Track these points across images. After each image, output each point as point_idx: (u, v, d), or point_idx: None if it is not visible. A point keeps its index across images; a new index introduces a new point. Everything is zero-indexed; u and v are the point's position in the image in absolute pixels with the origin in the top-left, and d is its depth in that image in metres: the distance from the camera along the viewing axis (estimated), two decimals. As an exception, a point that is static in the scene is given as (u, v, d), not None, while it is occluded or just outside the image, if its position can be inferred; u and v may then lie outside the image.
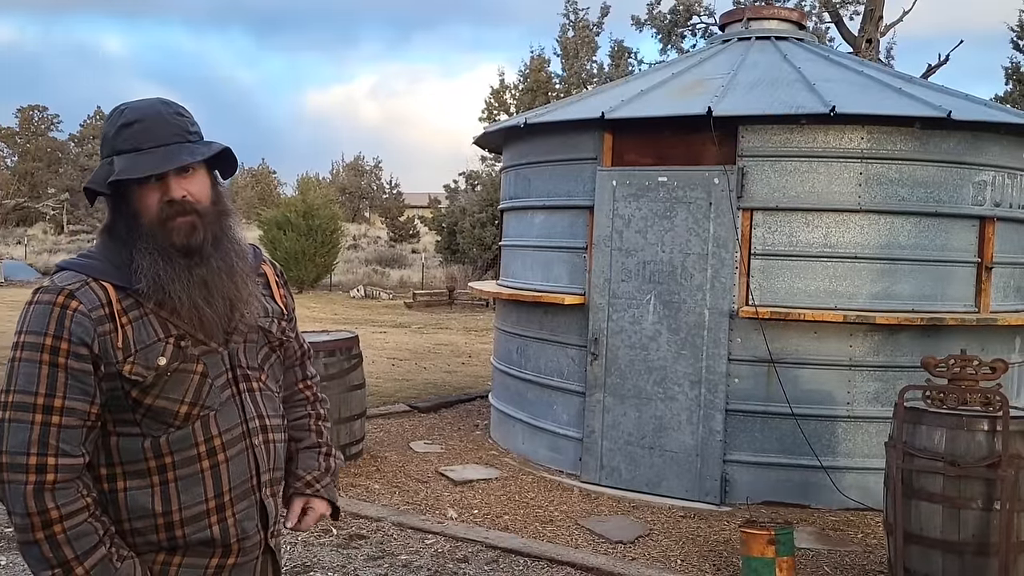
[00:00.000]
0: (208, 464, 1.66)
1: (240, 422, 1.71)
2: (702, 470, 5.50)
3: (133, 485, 1.63)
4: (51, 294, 1.59)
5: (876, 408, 5.39)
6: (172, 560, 1.66)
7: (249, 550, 1.73)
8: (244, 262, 1.73)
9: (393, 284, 27.62)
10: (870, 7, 18.05)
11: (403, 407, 8.17)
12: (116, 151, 1.63)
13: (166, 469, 1.63)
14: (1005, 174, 5.65)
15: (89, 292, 1.59)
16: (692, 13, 21.30)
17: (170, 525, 1.64)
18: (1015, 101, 21.12)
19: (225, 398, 1.70)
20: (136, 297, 1.62)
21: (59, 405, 1.55)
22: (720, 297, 5.45)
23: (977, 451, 3.78)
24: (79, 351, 1.56)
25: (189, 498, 1.64)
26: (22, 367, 1.57)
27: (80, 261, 1.67)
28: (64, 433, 1.55)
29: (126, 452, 1.63)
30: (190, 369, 1.65)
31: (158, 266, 1.60)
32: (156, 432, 1.63)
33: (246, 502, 1.71)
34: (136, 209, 1.63)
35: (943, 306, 5.50)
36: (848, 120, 5.30)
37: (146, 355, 1.60)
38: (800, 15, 7.48)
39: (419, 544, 4.67)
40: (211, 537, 1.67)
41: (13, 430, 1.54)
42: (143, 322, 1.62)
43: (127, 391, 1.60)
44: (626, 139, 5.86)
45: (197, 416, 1.65)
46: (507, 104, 27.58)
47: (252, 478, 1.72)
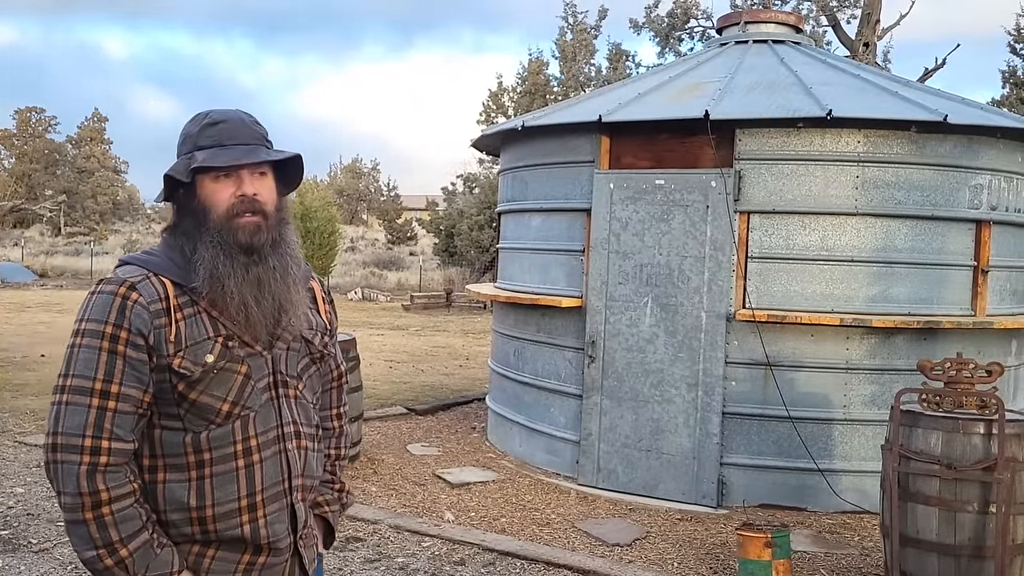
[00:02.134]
0: (243, 463, 1.71)
1: (276, 426, 1.76)
2: (699, 473, 5.51)
3: (172, 478, 1.68)
4: (114, 285, 1.66)
5: (872, 411, 5.40)
6: (206, 552, 1.71)
7: (279, 552, 1.78)
8: (298, 269, 1.79)
9: (391, 286, 27.62)
10: (867, 11, 18.09)
11: (400, 409, 8.17)
12: (198, 146, 1.72)
13: (204, 465, 1.68)
14: (1001, 178, 5.66)
15: (149, 286, 1.66)
16: (690, 16, 21.35)
17: (203, 520, 1.68)
18: (1012, 105, 21.17)
19: (264, 401, 1.75)
20: (191, 295, 1.69)
21: (115, 391, 1.61)
22: (717, 300, 5.46)
23: (973, 454, 3.79)
24: (137, 341, 1.63)
25: (223, 495, 1.69)
26: (82, 352, 1.63)
27: (142, 257, 1.74)
28: (119, 418, 1.61)
29: (168, 445, 1.68)
30: (235, 369, 1.70)
31: (218, 259, 1.67)
32: (198, 428, 1.68)
33: (277, 504, 1.75)
34: (207, 202, 1.70)
35: (939, 309, 5.51)
36: (845, 123, 5.31)
37: (195, 351, 1.66)
38: (797, 18, 7.50)
39: (416, 547, 4.67)
40: (241, 536, 1.71)
41: (70, 412, 1.60)
42: (196, 320, 1.69)
43: (174, 384, 1.65)
44: (623, 142, 5.87)
45: (237, 416, 1.70)
46: (505, 107, 27.61)
47: (284, 481, 1.77)
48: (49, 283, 26.66)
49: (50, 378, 9.54)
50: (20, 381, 9.32)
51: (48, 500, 5.25)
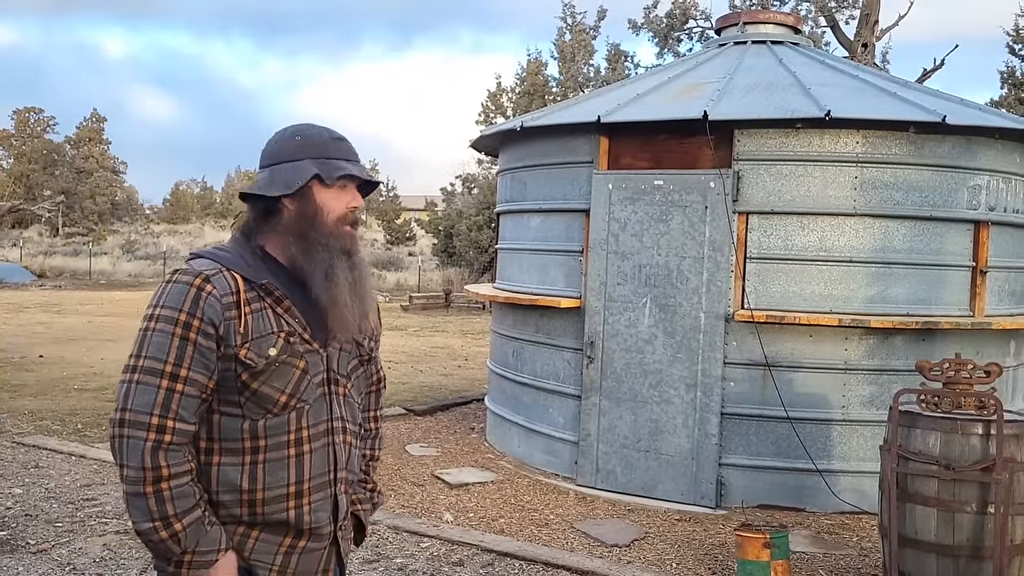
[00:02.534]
0: (294, 452, 1.81)
1: (326, 420, 1.87)
2: (697, 473, 5.51)
3: (227, 461, 1.78)
4: (189, 276, 1.75)
5: (871, 411, 5.40)
6: (251, 534, 1.81)
7: (319, 538, 1.87)
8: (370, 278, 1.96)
9: (390, 287, 27.61)
10: (866, 11, 18.10)
11: (399, 410, 8.16)
12: (329, 156, 1.86)
13: (258, 451, 1.78)
14: (1000, 178, 5.67)
15: (222, 279, 1.76)
16: (688, 17, 21.35)
17: (252, 502, 1.78)
18: (1010, 106, 21.19)
19: (318, 395, 1.85)
20: (259, 291, 1.80)
21: (184, 375, 1.71)
22: (716, 301, 5.46)
23: (971, 455, 3.79)
24: (208, 330, 1.72)
25: (273, 480, 1.79)
26: (155, 336, 1.72)
27: (215, 252, 1.84)
28: (184, 400, 1.71)
29: (226, 430, 1.78)
30: (294, 364, 1.80)
31: (334, 260, 1.82)
32: (255, 416, 1.78)
33: (322, 493, 1.85)
34: (323, 207, 1.84)
35: (938, 310, 5.51)
36: (843, 124, 5.32)
37: (259, 344, 1.76)
38: (796, 19, 7.50)
39: (414, 547, 4.66)
40: (286, 519, 1.81)
41: (140, 391, 1.70)
42: (262, 315, 1.79)
43: (238, 373, 1.75)
44: (622, 143, 5.87)
45: (293, 407, 1.81)
46: (504, 107, 27.61)
47: (329, 472, 1.87)
48: (48, 283, 26.63)
49: (48, 379, 9.54)
50: (18, 382, 9.31)
51: (46, 501, 5.25)
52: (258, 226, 1.86)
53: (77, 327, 14.92)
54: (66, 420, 7.57)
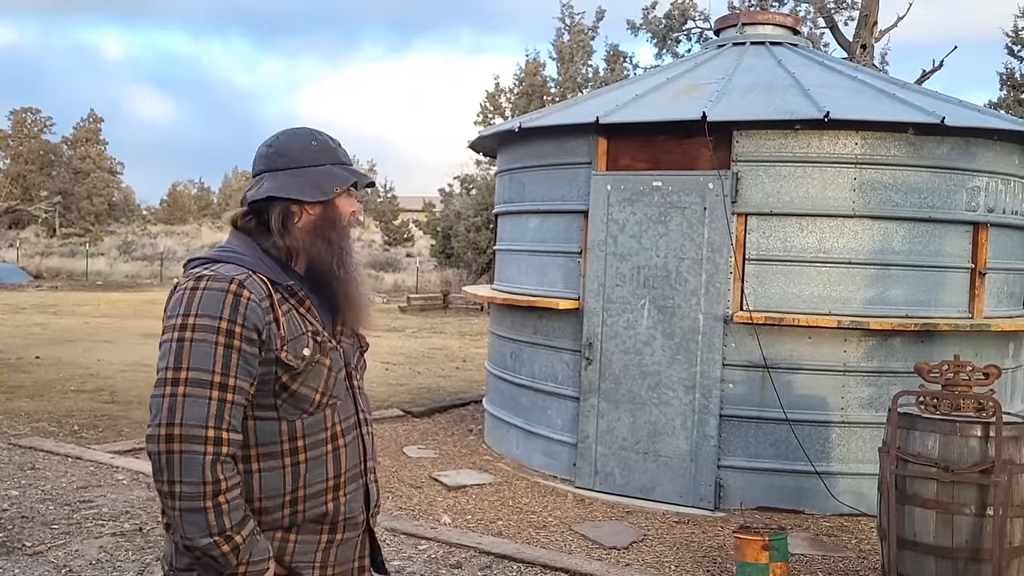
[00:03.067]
0: (331, 448, 1.85)
1: (354, 412, 1.93)
2: (696, 475, 5.49)
3: (266, 466, 1.79)
4: (223, 282, 1.73)
5: (870, 413, 5.39)
6: (288, 538, 1.82)
7: (353, 527, 1.91)
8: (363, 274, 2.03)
9: (387, 288, 27.59)
10: (865, 12, 18.11)
11: (397, 412, 8.15)
12: (342, 162, 1.92)
13: (298, 452, 1.80)
14: (999, 180, 5.66)
15: (256, 284, 1.77)
16: (687, 18, 21.35)
17: (295, 501, 1.81)
18: (1009, 107, 21.21)
19: (344, 389, 1.91)
20: (283, 292, 1.82)
21: (232, 384, 1.70)
22: (714, 302, 5.45)
23: (970, 457, 3.78)
24: (251, 336, 1.72)
25: (312, 477, 1.82)
26: (196, 347, 1.69)
27: (231, 255, 1.83)
28: (234, 410, 1.71)
29: (263, 434, 1.78)
30: (323, 362, 1.84)
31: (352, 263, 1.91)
32: (292, 416, 1.79)
33: (355, 484, 1.91)
34: (340, 213, 1.91)
35: (937, 312, 5.51)
36: (842, 125, 5.31)
37: (295, 345, 1.79)
38: (795, 20, 7.50)
39: (412, 550, 4.65)
40: (325, 512, 1.84)
41: (189, 404, 1.67)
42: (291, 316, 1.81)
43: (278, 376, 1.76)
44: (621, 144, 5.86)
45: (327, 404, 1.84)
46: (502, 108, 27.60)
47: (361, 463, 1.93)
48: (44, 284, 26.58)
49: (44, 380, 9.51)
50: (14, 383, 9.29)
51: (42, 503, 5.23)
52: (278, 228, 1.86)
53: (74, 328, 14.89)
54: (62, 421, 7.54)
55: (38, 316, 16.82)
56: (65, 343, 12.71)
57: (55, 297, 21.99)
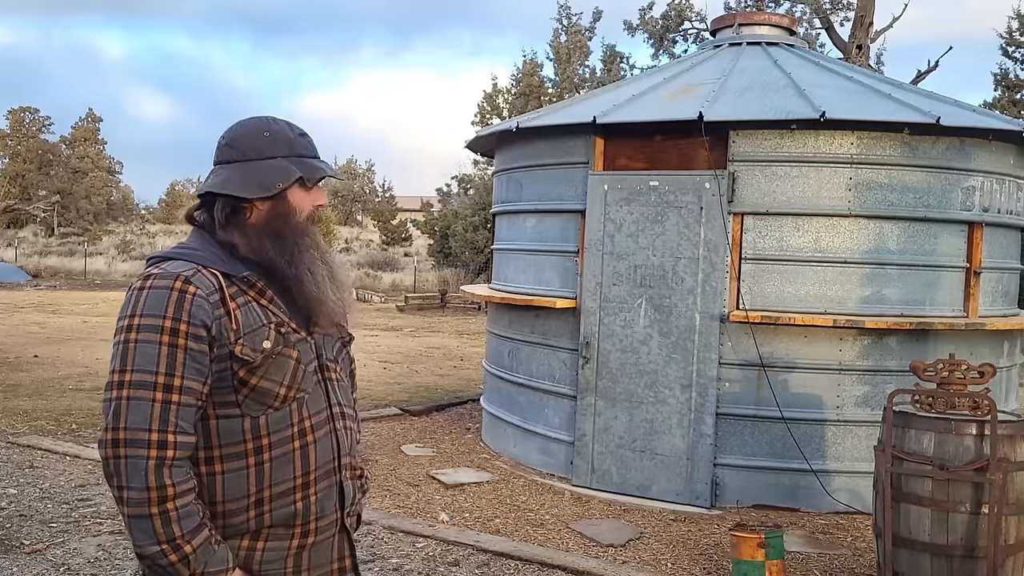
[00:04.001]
0: (299, 444, 1.77)
1: (326, 407, 1.84)
2: (692, 473, 5.52)
3: (230, 467, 1.72)
4: (167, 280, 1.68)
5: (865, 412, 5.42)
6: (256, 545, 1.75)
7: (325, 528, 1.83)
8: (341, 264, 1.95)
9: (385, 287, 27.60)
10: (860, 13, 18.15)
11: (394, 410, 8.16)
12: (298, 154, 1.83)
13: (263, 450, 1.73)
14: (993, 179, 5.69)
15: (203, 278, 1.71)
16: (684, 18, 21.38)
17: (260, 502, 1.73)
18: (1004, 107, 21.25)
19: (314, 383, 1.82)
20: (239, 285, 1.75)
21: (178, 384, 1.64)
22: (711, 301, 5.47)
23: (965, 455, 3.80)
24: (198, 332, 1.66)
25: (280, 476, 1.75)
26: (140, 347, 1.64)
27: (184, 252, 1.78)
28: (182, 411, 1.64)
29: (225, 434, 1.71)
30: (289, 354, 1.77)
31: (312, 258, 1.81)
32: (256, 412, 1.73)
33: (327, 481, 1.82)
34: (296, 207, 1.82)
35: (932, 311, 5.53)
36: (838, 125, 5.33)
37: (252, 338, 1.72)
38: (791, 21, 7.52)
39: (410, 547, 4.67)
40: (293, 512, 1.76)
41: (133, 407, 1.62)
42: (249, 308, 1.75)
43: (235, 371, 1.70)
44: (618, 143, 5.88)
45: (293, 398, 1.77)
46: (500, 108, 27.63)
47: (334, 460, 1.84)
48: (43, 284, 26.57)
49: (43, 379, 9.52)
50: (13, 382, 9.29)
51: (41, 501, 5.24)
52: (221, 223, 1.79)
53: (72, 327, 14.89)
54: (61, 420, 7.55)
55: (36, 315, 16.82)
56: (63, 342, 12.71)
57: (53, 296, 21.99)
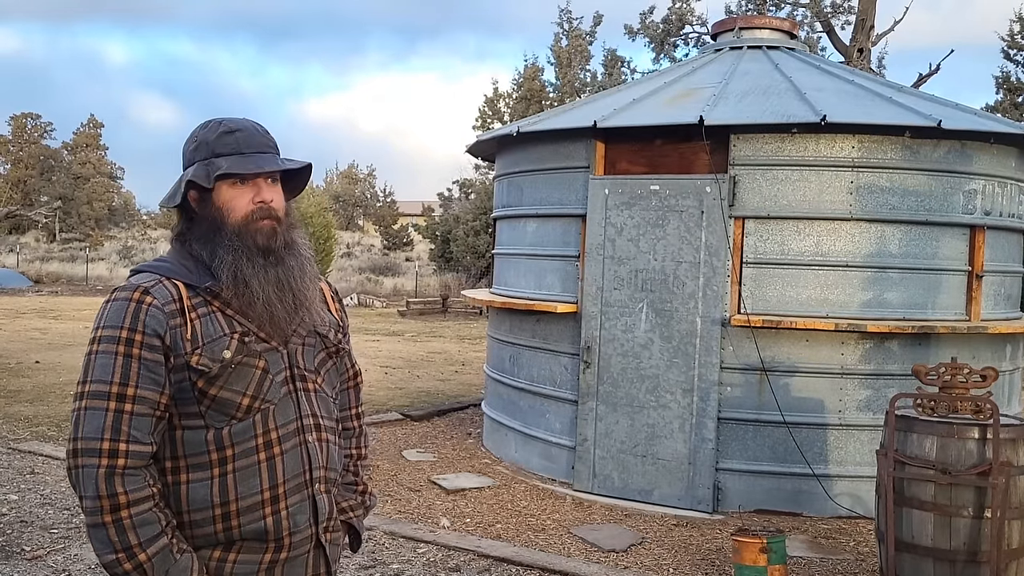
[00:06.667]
0: (265, 456, 1.74)
1: (295, 418, 1.80)
2: (694, 478, 5.50)
3: (195, 477, 1.71)
4: (128, 291, 1.71)
5: (867, 416, 5.40)
6: (227, 556, 1.74)
7: (299, 544, 1.80)
8: (312, 268, 1.87)
9: (387, 292, 27.60)
10: (861, 17, 18.16)
11: (396, 415, 8.15)
12: (216, 153, 1.78)
13: (226, 461, 1.71)
14: (995, 183, 5.68)
15: (162, 288, 1.71)
16: (684, 22, 21.40)
17: (227, 515, 1.71)
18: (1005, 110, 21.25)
19: (283, 394, 1.79)
20: (204, 295, 1.74)
21: (131, 393, 1.64)
22: (712, 305, 5.46)
23: (968, 459, 3.79)
24: (152, 342, 1.67)
25: (245, 489, 1.72)
26: (99, 359, 1.67)
27: (154, 264, 1.80)
28: (135, 420, 1.64)
29: (190, 444, 1.71)
30: (252, 364, 1.75)
31: (241, 262, 1.74)
32: (219, 424, 1.71)
33: (299, 496, 1.79)
34: (224, 208, 1.77)
35: (934, 314, 5.52)
36: (839, 129, 5.33)
37: (212, 348, 1.71)
38: (791, 24, 7.52)
39: (411, 553, 4.65)
40: (264, 529, 1.74)
41: (88, 417, 1.64)
42: (210, 318, 1.73)
43: (194, 381, 1.69)
44: (618, 148, 5.88)
45: (258, 409, 1.74)
46: (501, 113, 27.66)
47: (305, 473, 1.80)
48: (44, 289, 26.59)
49: (44, 385, 9.52)
50: (14, 388, 9.29)
51: (42, 507, 5.23)
52: (182, 232, 1.82)
53: (74, 333, 14.89)
54: (62, 426, 7.55)
55: (38, 321, 16.82)
56: (65, 348, 12.71)
57: (55, 302, 21.99)
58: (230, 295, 1.75)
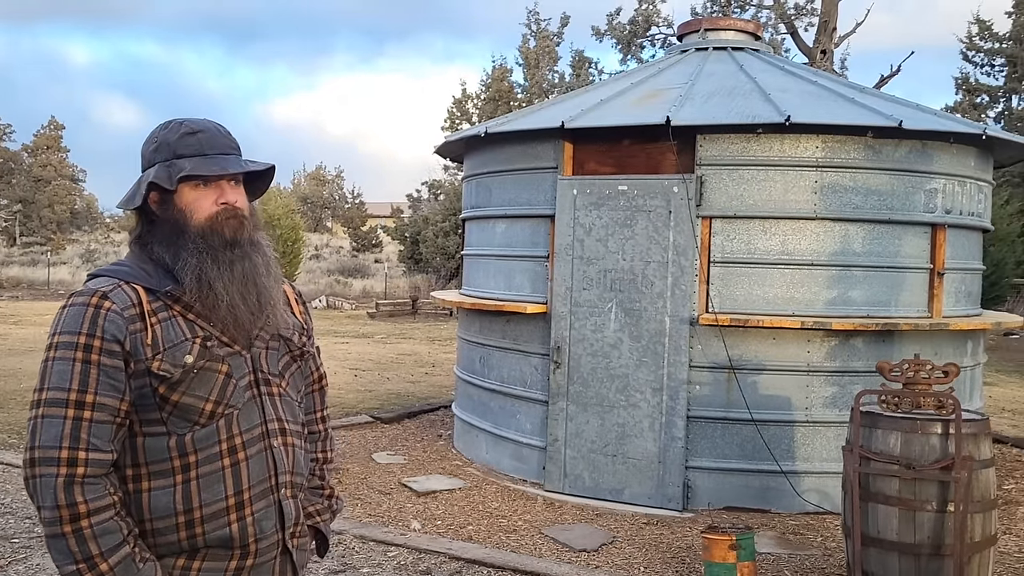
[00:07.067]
0: (229, 462, 1.71)
1: (260, 423, 1.77)
2: (664, 477, 5.53)
3: (157, 485, 1.68)
4: (85, 296, 1.67)
5: (833, 412, 5.47)
6: (192, 565, 1.70)
7: (266, 550, 1.77)
8: (276, 269, 1.85)
9: (356, 294, 27.43)
10: (824, 19, 18.41)
11: (365, 418, 8.10)
12: (178, 155, 1.75)
13: (189, 468, 1.68)
14: (955, 182, 5.78)
15: (121, 293, 1.68)
16: (651, 24, 21.54)
17: (191, 523, 1.68)
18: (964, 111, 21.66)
19: (247, 399, 1.76)
20: (164, 299, 1.71)
21: (91, 400, 1.61)
22: (680, 304, 5.50)
23: (931, 454, 3.85)
24: (112, 348, 1.63)
25: (210, 495, 1.69)
26: (56, 365, 1.64)
27: (112, 268, 1.76)
28: (95, 428, 1.61)
29: (152, 451, 1.68)
30: (215, 368, 1.72)
31: (205, 263, 1.71)
32: (181, 430, 1.68)
33: (264, 502, 1.76)
34: (187, 210, 1.74)
35: (897, 312, 5.60)
36: (803, 129, 5.39)
37: (173, 353, 1.67)
38: (756, 26, 7.60)
39: (381, 557, 4.63)
40: (230, 535, 1.71)
41: (46, 425, 1.61)
42: (171, 323, 1.70)
43: (155, 387, 1.66)
44: (586, 148, 5.90)
45: (221, 414, 1.71)
46: (469, 114, 27.62)
47: (271, 478, 1.77)
48: (4, 294, 26.04)
49: (4, 391, 9.31)
50: (-27, 395, 9.08)
51: (2, 517, 5.12)
52: (141, 236, 1.79)
53: (35, 339, 14.60)
54: (23, 433, 7.39)
55: (-3, 327, 16.47)
56: (26, 353, 12.46)
57: (15, 307, 21.55)
58: (193, 298, 1.71)
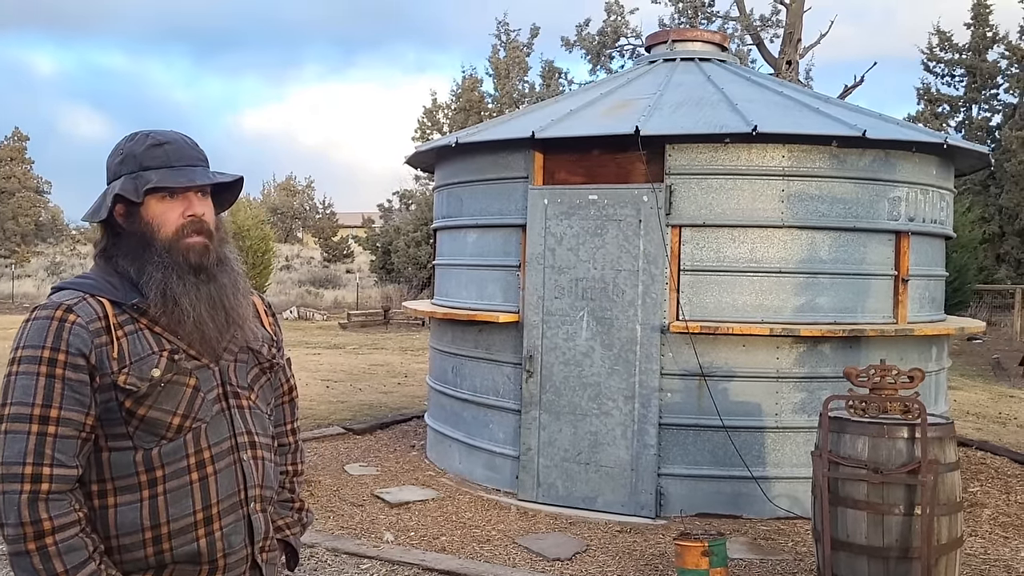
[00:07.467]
0: (197, 476, 1.69)
1: (229, 436, 1.76)
2: (637, 484, 5.56)
3: (123, 500, 1.66)
4: (49, 309, 1.65)
5: (803, 418, 5.53)
6: None
7: (234, 565, 1.76)
8: (244, 284, 1.84)
9: (327, 305, 27.25)
10: (789, 30, 18.70)
11: (337, 429, 8.04)
12: (144, 167, 1.73)
13: (156, 483, 1.66)
14: (918, 190, 5.89)
15: (86, 306, 1.66)
16: (620, 35, 21.74)
17: (158, 539, 1.66)
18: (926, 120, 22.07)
19: (215, 412, 1.74)
20: (131, 312, 1.69)
21: (55, 415, 1.59)
22: (651, 313, 5.54)
23: (898, 458, 3.91)
24: (76, 362, 1.61)
25: (177, 511, 1.67)
26: (19, 379, 1.61)
27: (76, 281, 1.74)
28: (60, 443, 1.59)
29: (117, 467, 1.66)
30: (183, 382, 1.70)
31: (171, 279, 1.69)
32: (148, 444, 1.66)
33: (233, 516, 1.74)
34: (153, 223, 1.72)
35: (863, 318, 5.69)
36: (770, 139, 5.47)
37: (140, 367, 1.66)
38: (723, 37, 7.69)
39: (354, 569, 4.59)
40: (198, 551, 1.69)
41: (9, 441, 1.58)
42: (137, 336, 1.68)
43: (121, 401, 1.64)
44: (557, 158, 5.93)
45: (189, 428, 1.70)
46: (440, 124, 27.64)
47: (240, 492, 1.76)
48: (-34, 308, 25.52)
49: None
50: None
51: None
52: (107, 248, 1.76)
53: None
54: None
55: (-41, 341, 16.14)
56: (-12, 369, 12.24)
57: (-23, 321, 21.13)
58: (159, 312, 1.69)
